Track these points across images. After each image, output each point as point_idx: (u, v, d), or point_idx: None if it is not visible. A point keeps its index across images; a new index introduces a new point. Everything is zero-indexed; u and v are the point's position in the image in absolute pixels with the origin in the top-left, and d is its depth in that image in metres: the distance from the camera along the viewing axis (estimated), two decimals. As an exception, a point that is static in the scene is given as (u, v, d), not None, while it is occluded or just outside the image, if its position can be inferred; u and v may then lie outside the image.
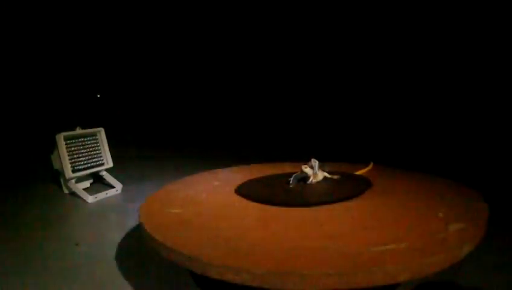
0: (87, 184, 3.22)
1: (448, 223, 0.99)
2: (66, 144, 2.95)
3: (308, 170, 1.41)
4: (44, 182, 3.47)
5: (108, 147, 3.28)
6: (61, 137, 2.92)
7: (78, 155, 3.04)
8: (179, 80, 8.18)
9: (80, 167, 3.04)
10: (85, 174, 3.10)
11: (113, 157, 3.29)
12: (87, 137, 3.15)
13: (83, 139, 3.11)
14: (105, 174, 3.24)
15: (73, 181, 3.01)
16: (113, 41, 7.80)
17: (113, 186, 3.17)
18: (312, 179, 1.41)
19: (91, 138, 3.18)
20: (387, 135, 5.72)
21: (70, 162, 2.96)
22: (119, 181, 3.24)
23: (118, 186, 3.19)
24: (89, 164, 3.11)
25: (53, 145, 2.95)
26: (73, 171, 2.97)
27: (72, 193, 3.04)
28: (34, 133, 5.98)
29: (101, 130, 3.26)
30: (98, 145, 3.22)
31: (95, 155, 3.18)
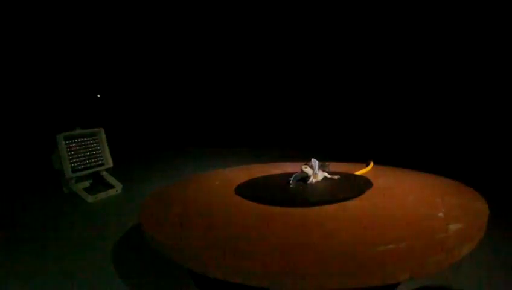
0: (87, 184, 3.22)
1: (448, 223, 0.99)
2: (66, 144, 2.95)
3: (308, 170, 1.41)
4: (44, 182, 3.47)
5: (108, 147, 3.28)
6: (61, 137, 2.92)
7: (78, 155, 3.04)
8: (179, 80, 8.18)
9: (80, 167, 3.05)
10: (85, 174, 3.11)
11: (113, 157, 3.29)
12: (87, 137, 3.15)
13: (82, 139, 3.11)
14: (105, 174, 3.25)
15: (73, 181, 3.01)
16: (113, 42, 7.79)
17: (113, 186, 3.17)
18: (312, 179, 1.41)
19: (91, 138, 3.18)
20: (387, 134, 5.72)
21: (70, 162, 2.96)
22: (119, 181, 3.24)
23: (118, 186, 3.19)
24: (89, 164, 3.11)
25: (53, 145, 2.95)
26: (73, 171, 2.97)
27: (72, 193, 3.04)
28: (34, 133, 5.98)
29: (101, 130, 3.26)
30: (98, 145, 3.22)
31: (95, 155, 3.18)
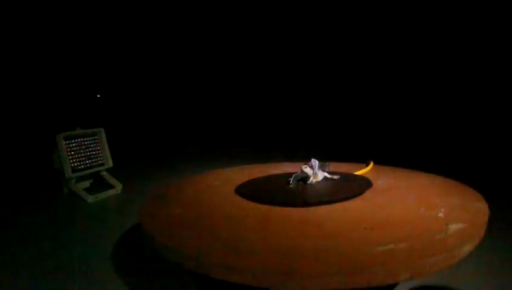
0: (87, 184, 3.22)
1: (448, 223, 0.99)
2: (66, 144, 2.95)
3: (308, 170, 1.41)
4: (44, 182, 3.47)
5: (108, 147, 3.28)
6: (61, 137, 2.92)
7: (78, 155, 3.04)
8: (179, 80, 8.18)
9: (80, 167, 3.05)
10: (85, 174, 3.11)
11: (113, 157, 3.29)
12: (87, 137, 3.16)
13: (83, 139, 3.11)
14: (105, 174, 3.25)
15: (73, 181, 3.01)
16: (113, 42, 7.79)
17: (113, 186, 3.17)
18: (312, 179, 1.41)
19: (91, 138, 3.19)
20: (387, 134, 5.72)
21: (70, 162, 2.96)
22: (119, 181, 3.24)
23: (118, 186, 3.19)
24: (89, 164, 3.12)
25: (53, 145, 2.95)
26: (73, 171, 2.97)
27: (72, 193, 3.04)
28: (34, 133, 5.98)
29: (101, 130, 3.26)
30: (98, 145, 3.22)
31: (95, 155, 3.18)
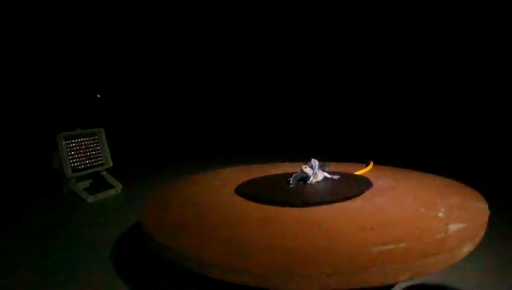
0: (87, 184, 3.22)
1: (448, 223, 0.99)
2: (66, 144, 2.95)
3: (308, 170, 1.41)
4: (44, 182, 3.47)
5: (108, 147, 3.28)
6: (61, 137, 2.92)
7: (78, 155, 3.04)
8: (179, 80, 8.18)
9: (80, 167, 3.05)
10: (85, 174, 3.11)
11: (113, 157, 3.29)
12: (87, 137, 3.16)
13: (83, 139, 3.11)
14: (105, 174, 3.25)
15: (73, 181, 3.01)
16: (113, 42, 7.79)
17: (113, 186, 3.17)
18: (312, 179, 1.41)
19: (91, 138, 3.18)
20: (387, 134, 5.72)
21: (70, 162, 2.96)
22: (119, 181, 3.24)
23: (118, 186, 3.19)
24: (89, 164, 3.11)
25: (53, 145, 2.95)
26: (73, 171, 2.97)
27: (72, 193, 3.04)
28: (34, 133, 5.98)
29: (101, 130, 3.26)
30: (98, 145, 3.22)
31: (95, 155, 3.18)
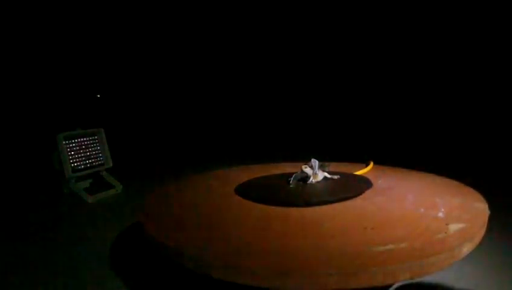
0: (87, 184, 3.22)
1: (448, 223, 0.99)
2: (66, 144, 2.95)
3: (308, 170, 1.41)
4: (44, 182, 3.47)
5: (108, 147, 3.28)
6: (61, 137, 2.92)
7: (78, 155, 3.04)
8: (179, 80, 8.18)
9: (80, 167, 3.05)
10: (85, 174, 3.11)
11: (113, 157, 3.29)
12: (87, 137, 3.15)
13: (83, 139, 3.11)
14: (105, 174, 3.25)
15: (73, 181, 3.02)
16: (113, 42, 7.79)
17: (113, 186, 3.17)
18: (312, 179, 1.41)
19: (91, 138, 3.18)
20: (387, 134, 5.72)
21: (70, 162, 2.96)
22: (119, 181, 3.24)
23: (118, 186, 3.19)
24: (89, 164, 3.11)
25: (53, 145, 2.95)
26: (73, 171, 2.97)
27: (72, 193, 3.04)
28: (34, 133, 5.98)
29: (101, 130, 3.26)
30: (98, 145, 3.22)
31: (95, 155, 3.18)
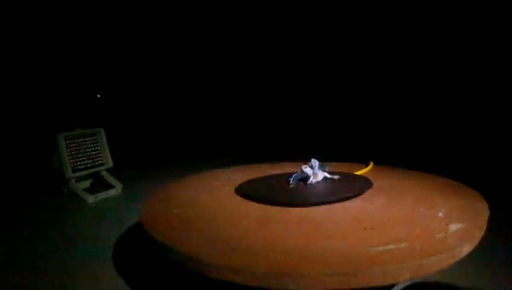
0: (87, 184, 3.22)
1: (448, 223, 0.99)
2: (66, 144, 2.95)
3: (308, 170, 1.41)
4: (44, 182, 3.47)
5: (108, 147, 3.28)
6: (61, 137, 2.92)
7: (78, 155, 3.04)
8: (179, 80, 8.18)
9: (80, 167, 3.05)
10: (85, 174, 3.11)
11: (113, 157, 3.29)
12: (87, 137, 3.16)
13: (83, 139, 3.11)
14: (105, 174, 3.25)
15: (73, 181, 3.02)
16: (113, 42, 7.79)
17: (113, 186, 3.17)
18: (312, 179, 1.41)
19: (91, 138, 3.19)
20: (387, 134, 5.72)
21: (70, 162, 2.96)
22: (119, 181, 3.24)
23: (118, 186, 3.19)
24: (89, 164, 3.12)
25: (53, 145, 2.95)
26: (73, 171, 2.97)
27: (72, 193, 3.04)
28: (34, 133, 5.98)
29: (101, 130, 3.26)
30: (98, 145, 3.22)
31: (95, 155, 3.18)
